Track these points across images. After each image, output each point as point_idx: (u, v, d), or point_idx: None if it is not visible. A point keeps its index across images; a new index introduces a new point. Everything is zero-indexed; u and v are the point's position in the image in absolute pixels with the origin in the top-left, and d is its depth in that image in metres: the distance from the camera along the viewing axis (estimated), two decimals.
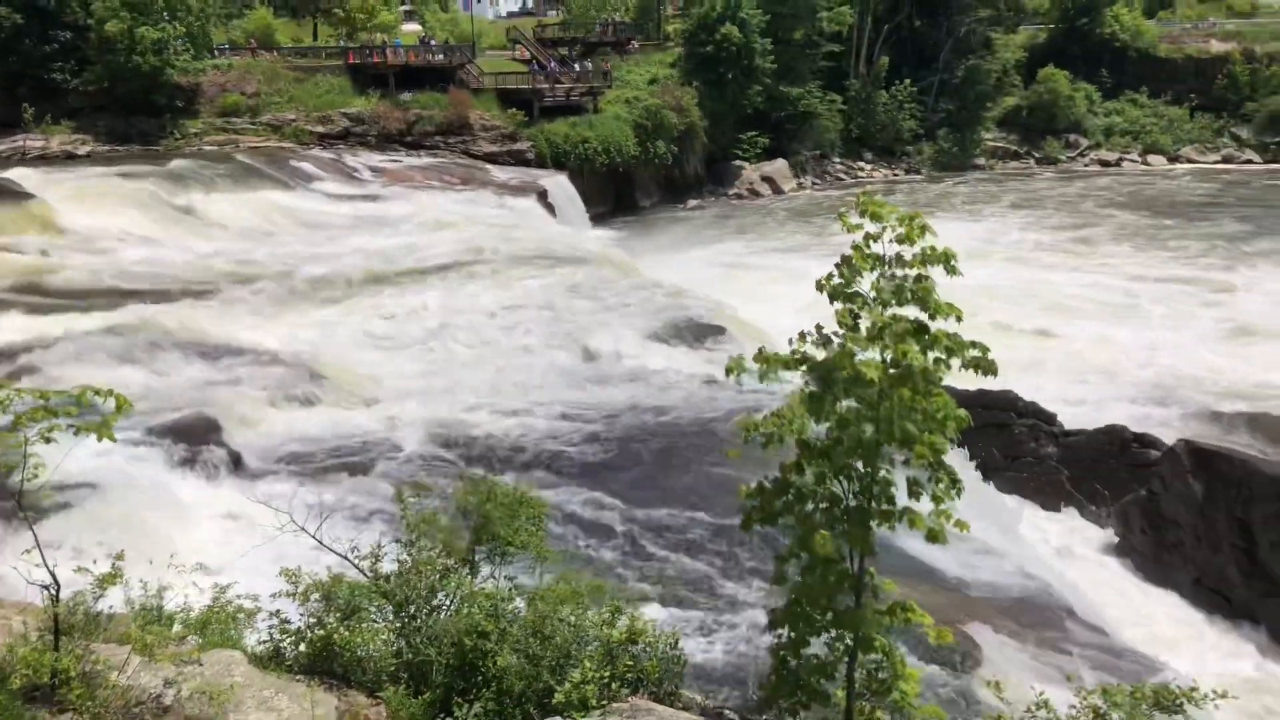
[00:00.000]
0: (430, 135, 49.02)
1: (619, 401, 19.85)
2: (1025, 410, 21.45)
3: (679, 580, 13.10)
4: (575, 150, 50.14)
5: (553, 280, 29.38)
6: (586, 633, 8.91)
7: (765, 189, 59.76)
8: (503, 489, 10.37)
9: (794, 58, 61.51)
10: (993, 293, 34.79)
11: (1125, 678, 11.13)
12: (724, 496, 14.52)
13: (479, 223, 36.48)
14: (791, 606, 8.33)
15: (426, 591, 9.58)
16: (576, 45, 63.68)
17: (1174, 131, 70.60)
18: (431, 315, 25.66)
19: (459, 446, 17.86)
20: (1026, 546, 16.94)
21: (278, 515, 9.42)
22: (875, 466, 7.69)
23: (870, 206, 7.47)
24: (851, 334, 7.48)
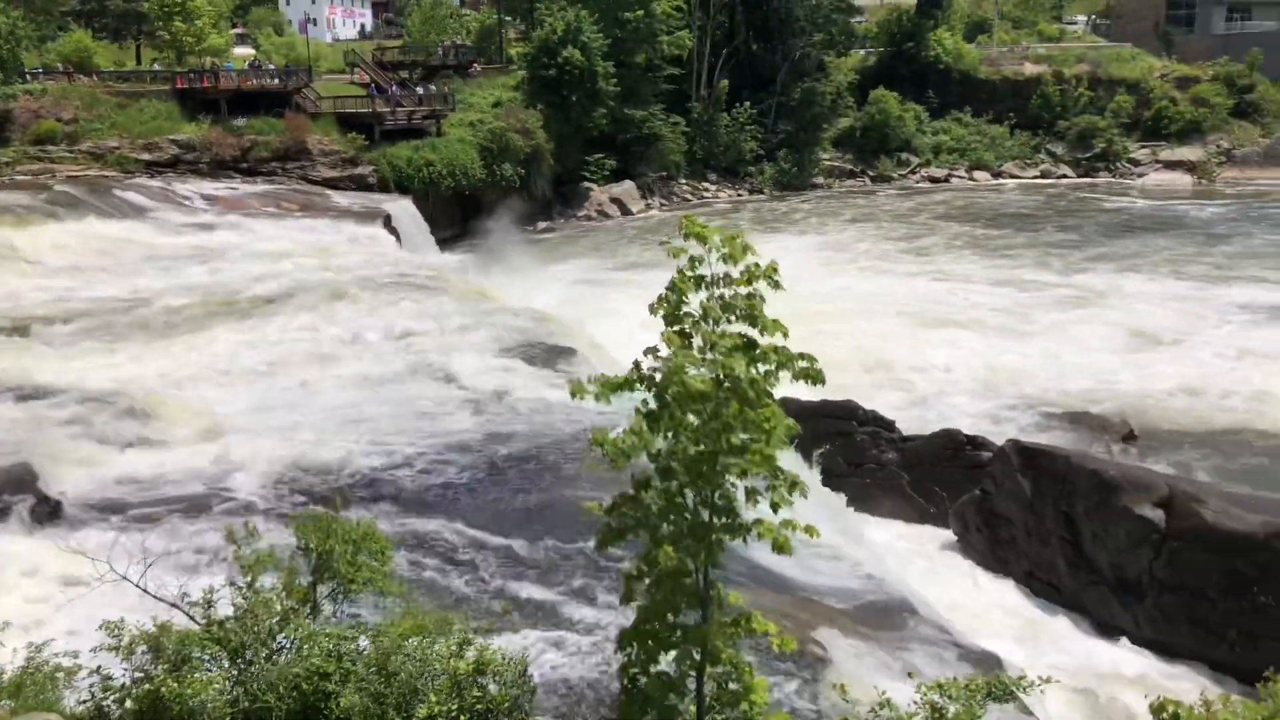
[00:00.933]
0: (266, 161, 47.40)
1: (469, 428, 19.56)
2: (865, 418, 22.23)
3: (533, 605, 12.96)
4: (419, 174, 49.45)
5: (399, 307, 28.80)
6: (433, 666, 8.73)
7: (614, 210, 60.33)
8: (344, 525, 10.07)
9: (637, 80, 62.44)
10: (842, 300, 36.28)
11: (965, 672, 11.58)
12: (577, 518, 14.48)
13: (320, 250, 35.45)
14: (639, 625, 8.37)
15: (265, 635, 9.20)
16: (417, 69, 62.94)
17: (996, 148, 74.91)
18: (271, 347, 24.74)
19: (302, 483, 17.23)
20: (870, 550, 17.51)
21: (96, 565, 8.88)
22: (715, 480, 7.82)
23: (693, 229, 7.66)
24: (683, 353, 7.64)
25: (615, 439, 7.83)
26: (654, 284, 8.06)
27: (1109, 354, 30.89)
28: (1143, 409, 26.06)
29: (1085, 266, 44.05)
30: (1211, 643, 15.65)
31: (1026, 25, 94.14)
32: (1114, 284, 40.20)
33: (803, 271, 42.36)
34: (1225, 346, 31.42)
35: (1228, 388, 27.53)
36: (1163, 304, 36.98)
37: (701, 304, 7.82)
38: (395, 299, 29.55)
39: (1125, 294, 38.52)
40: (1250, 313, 35.46)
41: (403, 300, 29.49)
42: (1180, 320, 34.68)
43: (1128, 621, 16.60)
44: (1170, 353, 31.04)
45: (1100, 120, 73.91)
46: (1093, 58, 78.41)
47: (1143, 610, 16.40)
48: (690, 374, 7.58)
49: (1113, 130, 73.66)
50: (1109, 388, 27.76)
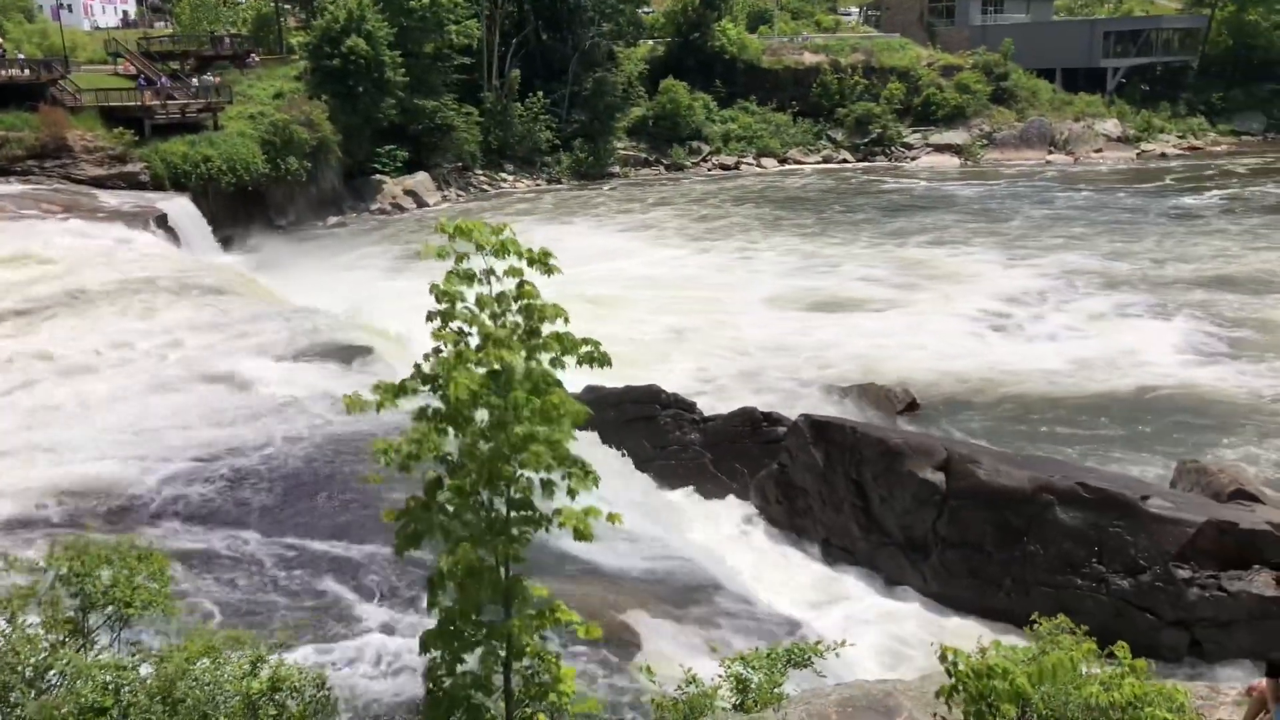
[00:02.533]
0: (21, 160, 43.54)
1: (260, 435, 18.64)
2: (668, 401, 22.64)
3: (334, 614, 12.50)
4: (196, 170, 46.71)
5: (179, 311, 27.11)
6: (224, 689, 8.26)
7: (409, 203, 58.95)
8: (112, 547, 9.37)
9: (426, 70, 61.14)
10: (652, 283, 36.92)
11: (770, 640, 11.98)
12: (378, 523, 14.08)
13: (89, 254, 32.83)
14: (442, 626, 8.21)
15: (31, 673, 8.47)
16: (189, 59, 59.35)
17: (781, 135, 77.85)
18: (28, 362, 22.72)
19: (76, 504, 15.97)
20: (676, 530, 17.88)
21: None
22: (508, 474, 7.76)
23: (454, 227, 7.63)
24: (457, 350, 7.59)
25: (398, 445, 7.66)
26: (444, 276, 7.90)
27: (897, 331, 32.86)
28: (921, 378, 27.72)
29: (881, 241, 46.75)
30: (990, 593, 16.85)
31: (805, 16, 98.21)
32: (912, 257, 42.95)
33: (614, 257, 42.99)
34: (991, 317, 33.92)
35: (1000, 357, 29.74)
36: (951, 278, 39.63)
37: (477, 298, 7.76)
38: (174, 303, 27.79)
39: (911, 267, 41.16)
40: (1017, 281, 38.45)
41: (182, 304, 27.78)
42: (953, 294, 37.17)
43: (916, 579, 17.65)
44: (941, 323, 33.22)
45: (875, 107, 78.05)
46: (866, 47, 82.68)
47: (929, 567, 17.49)
48: (464, 371, 7.50)
49: (887, 116, 77.94)
50: (894, 358, 29.45)
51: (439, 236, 7.83)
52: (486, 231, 8.00)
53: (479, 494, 8.04)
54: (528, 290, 7.91)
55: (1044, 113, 78.52)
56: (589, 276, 35.66)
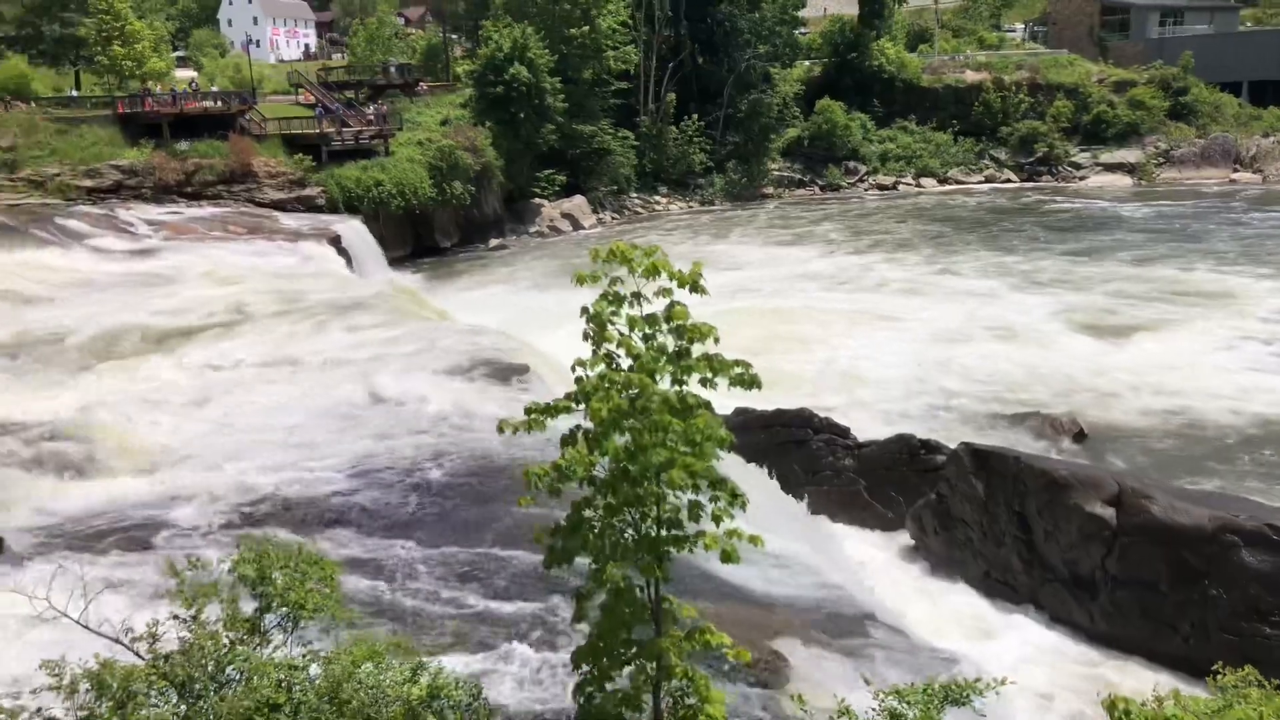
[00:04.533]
0: (212, 185, 46.83)
1: (421, 448, 19.31)
2: (821, 425, 22.31)
3: (488, 625, 12.79)
4: (368, 194, 49.07)
5: (351, 329, 28.47)
6: (386, 693, 8.55)
7: (566, 225, 60.30)
8: (289, 552, 9.85)
9: (584, 96, 62.57)
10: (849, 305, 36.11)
11: (925, 676, 11.59)
12: (530, 537, 14.38)
13: (269, 273, 35.05)
14: (593, 642, 8.30)
15: (212, 668, 8.97)
16: (363, 88, 62.61)
17: (941, 155, 76.00)
18: (217, 373, 24.31)
19: (248, 510, 16.90)
20: (829, 557, 17.53)
21: (33, 602, 8.60)
22: (654, 495, 7.80)
23: (609, 250, 7.77)
24: (605, 372, 7.71)
25: (547, 469, 7.82)
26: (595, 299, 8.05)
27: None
28: (1093, 407, 26.42)
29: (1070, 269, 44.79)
30: (1164, 637, 15.86)
31: (967, 34, 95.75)
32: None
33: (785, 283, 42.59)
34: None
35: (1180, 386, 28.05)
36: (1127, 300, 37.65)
37: (627, 319, 7.86)
38: (345, 320, 29.21)
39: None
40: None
41: (352, 321, 29.16)
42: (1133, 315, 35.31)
43: (1082, 618, 16.78)
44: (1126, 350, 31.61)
45: (1041, 125, 75.30)
46: (1031, 64, 79.93)
47: (1096, 606, 16.59)
48: (606, 394, 7.61)
49: (1054, 135, 75.06)
50: (1062, 386, 28.18)
51: (593, 260, 8.00)
52: (638, 254, 8.12)
53: (626, 514, 8.12)
54: (678, 311, 7.96)
55: (1228, 129, 74.03)
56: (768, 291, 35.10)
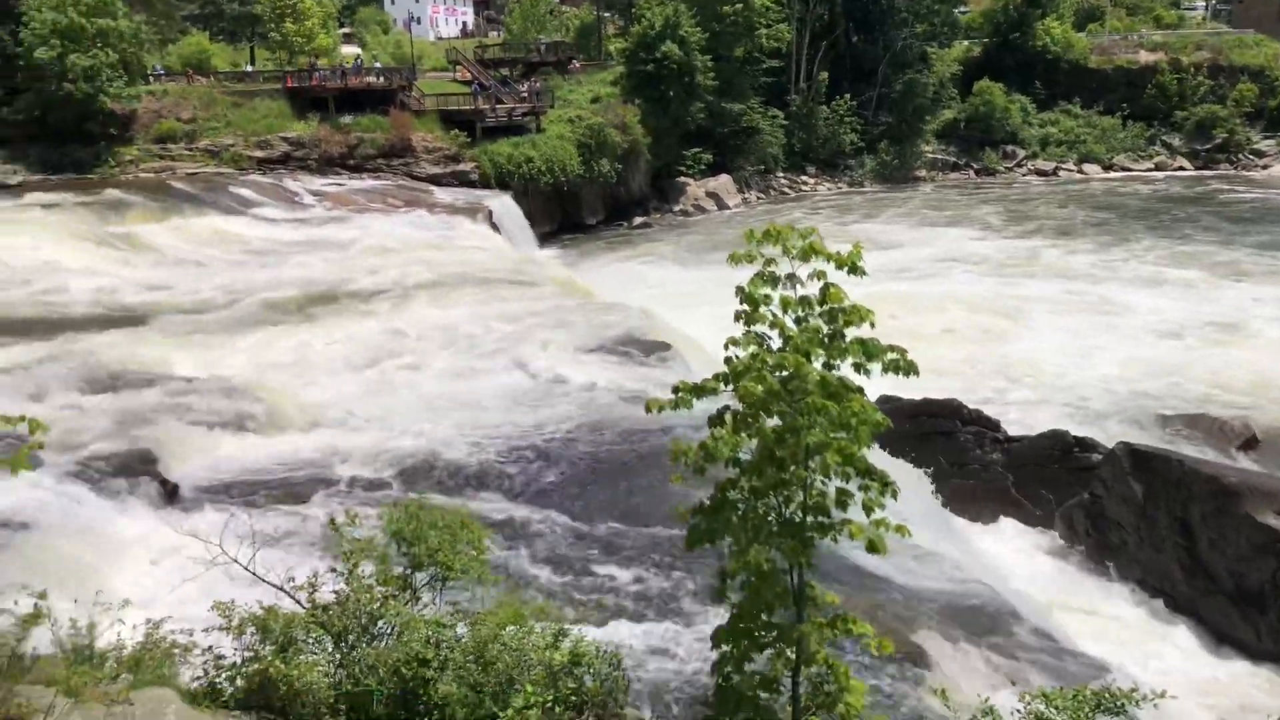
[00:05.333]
0: (372, 158, 48.63)
1: (564, 421, 19.71)
2: (970, 417, 21.66)
3: (627, 598, 12.98)
4: (519, 170, 50.04)
5: (498, 301, 29.20)
6: (529, 656, 8.78)
7: (710, 204, 60.16)
8: (441, 513, 10.22)
9: (735, 74, 62.09)
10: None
11: (1071, 680, 11.19)
12: (671, 513, 14.48)
13: (423, 245, 36.21)
14: (733, 623, 8.30)
15: (366, 620, 9.39)
16: (518, 65, 63.74)
17: (1107, 141, 72.33)
18: (373, 339, 25.35)
19: (401, 471, 17.59)
20: (973, 552, 17.07)
21: (209, 548, 9.18)
22: (801, 479, 7.72)
23: (762, 233, 7.68)
24: (757, 353, 7.64)
25: (693, 448, 7.83)
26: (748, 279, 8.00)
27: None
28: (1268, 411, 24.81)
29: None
30: None
31: (1142, 12, 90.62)
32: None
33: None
34: None
35: None
36: None
37: (781, 300, 7.77)
38: (494, 293, 29.97)
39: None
40: None
41: (501, 294, 29.90)
42: None
43: (1248, 634, 15.83)
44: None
45: (1221, 109, 70.78)
46: (1213, 44, 75.10)
47: (1265, 623, 15.62)
48: (757, 375, 7.54)
49: (1234, 120, 70.45)
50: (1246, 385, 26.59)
51: (747, 240, 7.93)
52: (794, 235, 8.01)
53: (771, 497, 8.08)
54: (833, 294, 7.83)
55: None
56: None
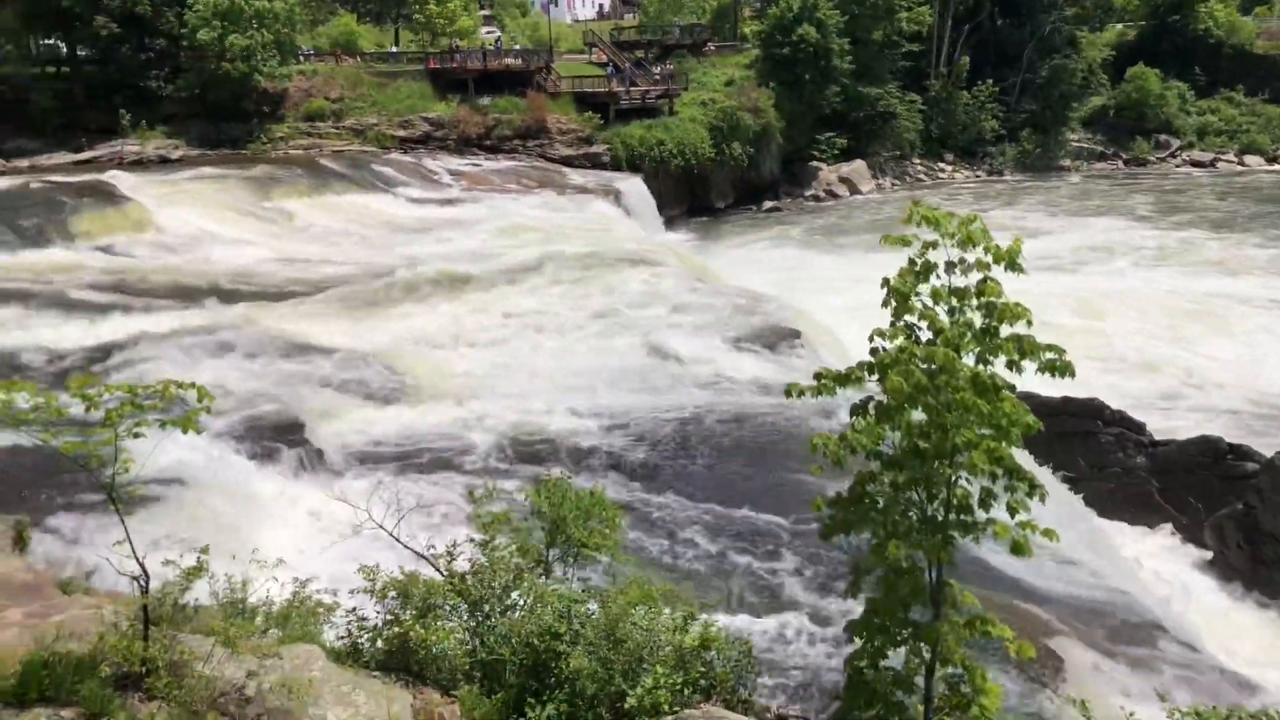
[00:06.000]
0: (508, 139, 49.51)
1: (693, 405, 19.75)
2: (1112, 419, 20.80)
3: (754, 587, 12.97)
4: (650, 152, 50.17)
5: (627, 282, 29.40)
6: (659, 637, 8.86)
7: (843, 190, 59.17)
8: (576, 491, 10.38)
9: (872, 58, 60.79)
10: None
11: (1218, 699, 10.70)
12: (801, 504, 14.35)
13: (555, 226, 36.75)
14: (868, 617, 8.21)
15: (501, 591, 9.63)
16: (653, 48, 63.80)
17: (1272, 130, 68.08)
18: (508, 317, 25.90)
19: (533, 447, 17.96)
20: (1113, 559, 16.42)
21: (357, 512, 9.54)
22: (945, 476, 7.56)
23: (922, 214, 7.43)
24: (903, 345, 7.46)
25: (832, 439, 7.72)
26: (884, 266, 7.84)
27: None
28: None
29: None
30: None
31: None
32: None
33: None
34: None
35: None
36: None
37: (932, 291, 7.57)
38: (623, 275, 30.18)
39: None
40: None
41: (630, 276, 30.09)
42: None
43: None
44: None
45: None
46: None
47: None
48: (905, 368, 7.37)
49: None
50: None
51: (904, 224, 7.74)
52: (953, 221, 7.76)
53: (912, 492, 7.93)
54: (990, 287, 7.59)
55: None
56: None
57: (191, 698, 7.20)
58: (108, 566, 7.94)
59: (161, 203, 33.76)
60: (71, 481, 12.38)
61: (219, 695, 7.44)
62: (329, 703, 7.80)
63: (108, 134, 45.16)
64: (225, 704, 7.43)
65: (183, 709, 7.09)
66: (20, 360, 20.55)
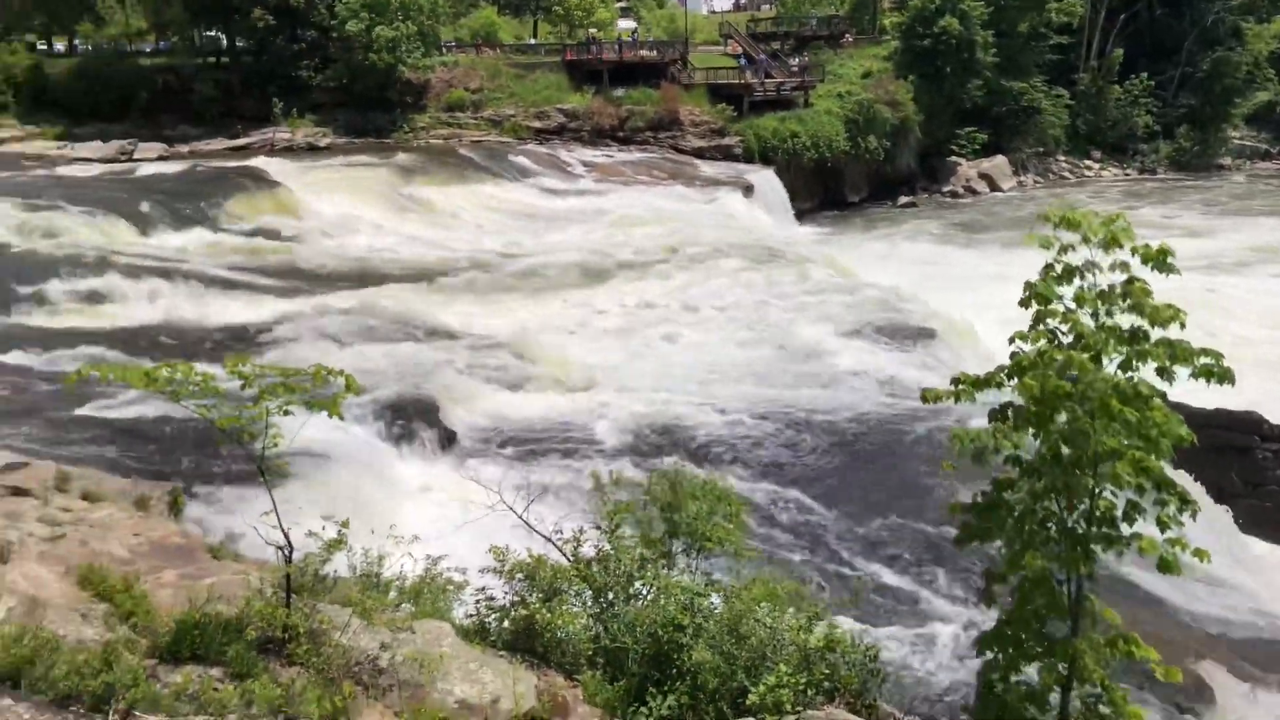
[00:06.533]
0: (640, 131, 49.75)
1: (820, 402, 19.48)
2: (1272, 433, 19.58)
3: (878, 590, 12.72)
4: (783, 145, 49.68)
5: (757, 276, 29.23)
6: (782, 636, 8.77)
7: (982, 186, 57.40)
8: (701, 482, 10.37)
9: (1018, 50, 58.71)
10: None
11: None
12: (930, 509, 14.03)
13: (686, 218, 36.78)
14: (1001, 629, 7.96)
15: (624, 579, 9.70)
16: (789, 40, 63.08)
17: None
18: (637, 307, 26.08)
19: (659, 437, 18.02)
20: (1268, 582, 15.48)
21: (488, 494, 9.73)
22: (1087, 487, 7.25)
23: (1064, 214, 7.16)
24: (1044, 348, 7.18)
25: (975, 434, 7.49)
26: (1025, 268, 7.55)
27: None
28: None
29: None
30: None
31: None
32: None
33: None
34: None
35: None
36: None
37: (1075, 294, 7.27)
38: (753, 268, 30.01)
39: None
40: None
41: (760, 269, 29.89)
42: None
43: None
44: None
45: None
46: None
47: None
48: (1040, 371, 7.09)
49: None
50: None
51: (1044, 223, 7.46)
52: (1095, 221, 7.47)
53: (1052, 502, 7.64)
54: (1137, 289, 7.26)
55: None
56: None
57: (328, 665, 7.49)
58: (254, 535, 8.31)
59: (308, 188, 35.19)
60: (224, 454, 13.02)
61: (354, 664, 7.71)
62: (457, 679, 7.99)
63: (261, 121, 47.35)
64: (360, 673, 7.70)
65: (320, 676, 7.38)
66: (174, 335, 21.74)
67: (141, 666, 6.74)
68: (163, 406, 8.90)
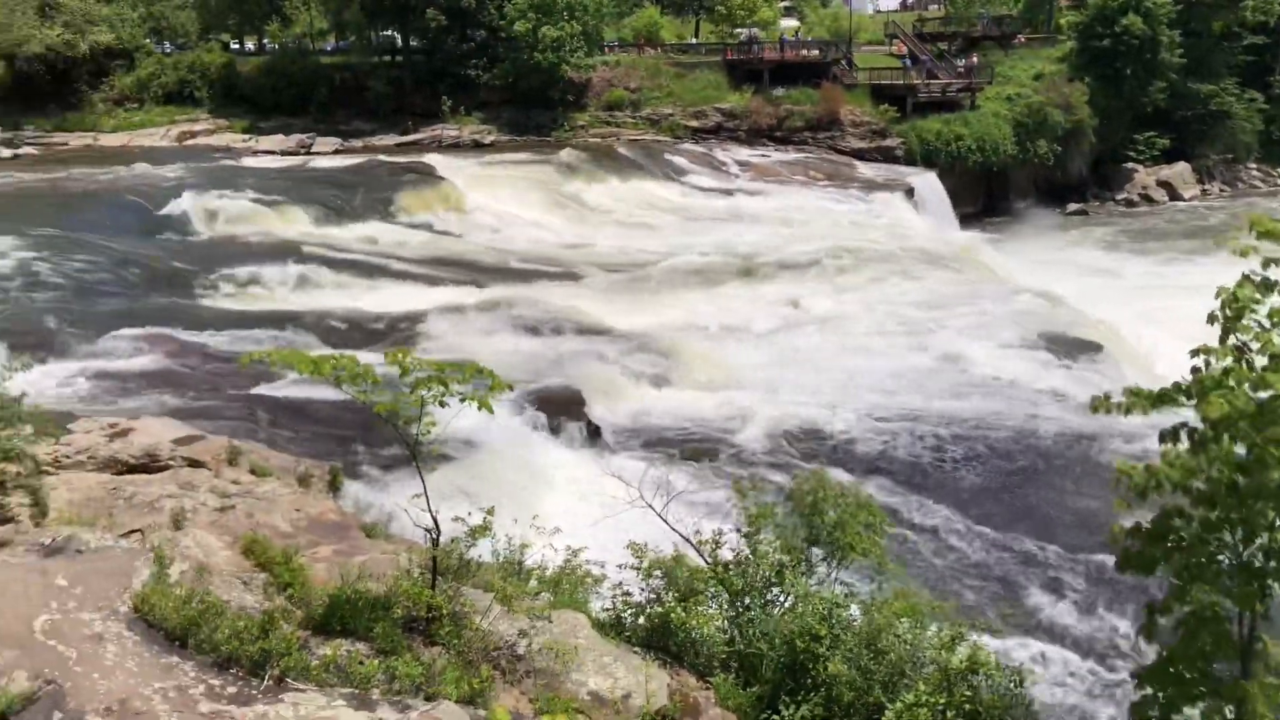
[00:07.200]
0: (799, 131, 49.13)
1: (974, 413, 18.84)
2: None
3: (1027, 612, 12.20)
4: (947, 148, 48.20)
5: (915, 281, 28.52)
6: (922, 653, 8.54)
7: (1161, 195, 54.22)
8: (842, 491, 10.17)
9: (1207, 51, 55.12)
10: None
11: None
12: (1089, 530, 13.35)
13: (841, 220, 36.19)
14: (1163, 665, 7.50)
15: (762, 585, 9.61)
16: (957, 40, 61.10)
17: None
18: (786, 309, 25.82)
19: (801, 442, 17.81)
20: None
21: (629, 490, 9.81)
22: (1272, 519, 6.74)
23: (1265, 226, 6.62)
24: (1232, 367, 6.67)
25: (1142, 468, 7.05)
26: (1205, 284, 7.04)
27: None
28: None
29: None
30: None
31: None
32: None
33: None
34: None
35: None
36: None
37: (1270, 311, 6.74)
38: (910, 273, 29.28)
39: None
40: None
41: (917, 275, 29.15)
42: None
43: None
44: None
45: None
46: None
47: None
48: (1227, 391, 6.58)
49: None
50: None
51: (1246, 231, 6.96)
52: None
53: (1226, 534, 7.14)
54: None
55: None
56: None
57: (468, 648, 7.72)
58: (405, 517, 8.63)
59: (471, 183, 36.31)
60: (381, 438, 13.57)
61: (493, 649, 7.92)
62: (590, 671, 8.09)
63: (430, 118, 49.11)
64: (498, 658, 7.90)
65: (460, 657, 7.61)
66: (344, 320, 22.78)
67: (295, 636, 7.11)
68: (326, 390, 9.34)
